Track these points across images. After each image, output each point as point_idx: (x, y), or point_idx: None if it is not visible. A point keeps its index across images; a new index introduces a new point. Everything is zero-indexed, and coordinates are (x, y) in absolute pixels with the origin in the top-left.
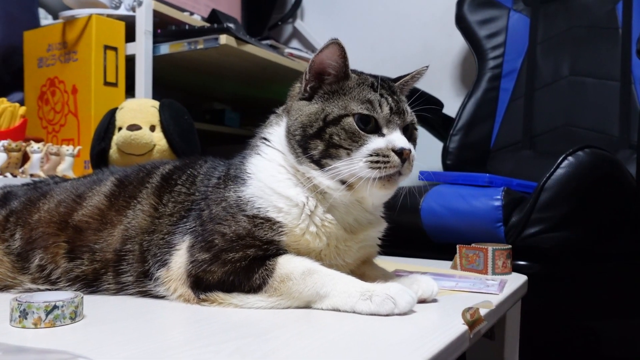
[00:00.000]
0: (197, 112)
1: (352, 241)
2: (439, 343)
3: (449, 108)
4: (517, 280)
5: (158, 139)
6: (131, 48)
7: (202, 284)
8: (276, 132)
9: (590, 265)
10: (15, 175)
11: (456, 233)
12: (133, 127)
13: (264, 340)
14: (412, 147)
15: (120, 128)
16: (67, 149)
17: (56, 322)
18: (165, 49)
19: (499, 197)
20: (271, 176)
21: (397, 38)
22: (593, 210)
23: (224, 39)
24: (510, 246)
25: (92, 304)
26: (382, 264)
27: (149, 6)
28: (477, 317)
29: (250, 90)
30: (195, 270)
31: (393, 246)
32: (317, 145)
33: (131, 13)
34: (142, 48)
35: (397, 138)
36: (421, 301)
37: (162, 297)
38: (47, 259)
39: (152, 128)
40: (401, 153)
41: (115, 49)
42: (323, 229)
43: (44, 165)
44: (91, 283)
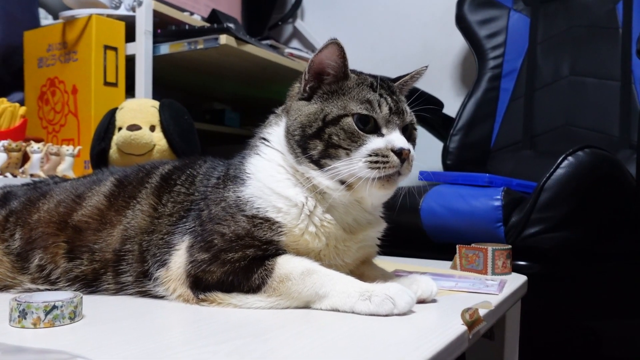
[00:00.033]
0: (197, 112)
1: (352, 241)
2: (438, 343)
3: (449, 108)
4: (517, 280)
5: (158, 139)
6: (131, 48)
7: (202, 284)
8: (275, 132)
9: (590, 265)
10: (15, 175)
11: (456, 233)
12: (133, 127)
13: (263, 340)
14: (412, 147)
15: (120, 128)
16: (67, 149)
17: (55, 322)
18: (165, 49)
19: (499, 197)
20: (270, 176)
21: (397, 38)
22: (593, 210)
23: (224, 39)
24: (510, 246)
25: (92, 304)
26: (382, 264)
27: (149, 6)
28: (476, 318)
29: (250, 90)
30: (194, 270)
31: (393, 246)
32: (317, 145)
33: (131, 13)
34: (142, 48)
35: (397, 138)
36: (420, 301)
37: (162, 297)
38: (47, 259)
39: (152, 128)
40: (400, 153)
41: (115, 49)
42: (322, 229)
43: (44, 165)
44: (91, 283)
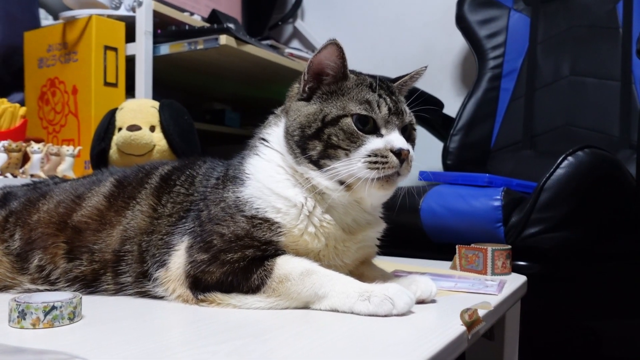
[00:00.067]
0: (198, 112)
1: (351, 242)
2: (437, 344)
3: (450, 108)
4: (517, 280)
5: (158, 139)
6: (131, 48)
7: (201, 285)
8: (275, 133)
9: (590, 265)
10: (15, 175)
11: (456, 233)
12: (133, 128)
13: (263, 340)
14: (411, 148)
15: (120, 128)
16: (68, 149)
17: (55, 323)
18: (165, 50)
19: (499, 198)
20: (270, 177)
21: (398, 38)
22: (593, 210)
23: (224, 39)
24: (509, 246)
25: (91, 305)
26: (382, 264)
27: (149, 6)
28: (476, 318)
29: (250, 90)
30: (193, 270)
31: (392, 246)
32: (316, 145)
33: (131, 13)
34: (142, 48)
35: (396, 138)
36: (420, 302)
37: (161, 298)
38: (46, 260)
39: (152, 128)
40: (399, 154)
41: (115, 50)
42: (321, 230)
43: (44, 165)
44: (90, 283)
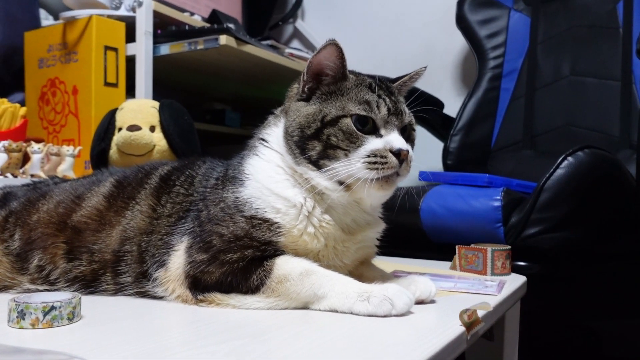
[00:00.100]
0: (198, 112)
1: (350, 242)
2: (436, 344)
3: (450, 108)
4: (516, 281)
5: (158, 140)
6: (131, 48)
7: (200, 285)
8: (274, 133)
9: (590, 265)
10: (15, 175)
11: (456, 233)
12: (133, 128)
13: (262, 341)
14: (410, 148)
15: (120, 128)
16: (68, 150)
17: (54, 323)
18: (165, 50)
19: (499, 198)
20: (269, 177)
21: (398, 38)
22: (593, 210)
23: (224, 40)
24: (509, 247)
25: (91, 305)
26: (381, 265)
27: (149, 7)
28: (475, 319)
29: (250, 90)
30: (193, 271)
31: (392, 246)
32: (315, 146)
33: (131, 14)
34: (143, 48)
35: (395, 139)
36: (419, 302)
37: (160, 298)
38: (46, 260)
39: (152, 128)
40: (399, 154)
41: (115, 50)
42: (321, 230)
43: (45, 165)
44: (90, 284)
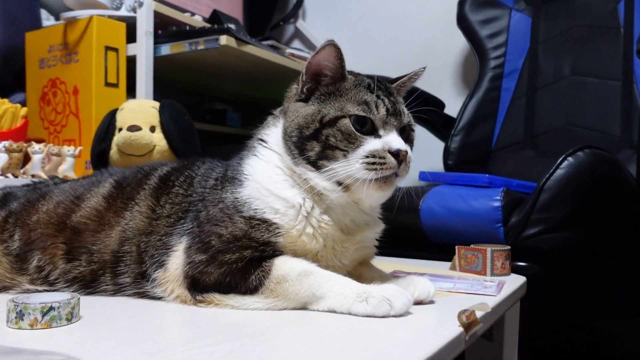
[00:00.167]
0: (199, 113)
1: (349, 242)
2: (435, 345)
3: (451, 108)
4: (516, 281)
5: (158, 140)
6: (132, 49)
7: (199, 285)
8: (273, 134)
9: (590, 265)
10: (16, 176)
11: (456, 234)
12: (133, 128)
13: (260, 341)
14: (409, 149)
15: (120, 129)
16: (68, 150)
17: (52, 324)
18: (166, 50)
19: (499, 198)
20: (268, 177)
21: (399, 38)
22: (593, 210)
23: (224, 40)
24: (509, 247)
25: (90, 305)
26: (381, 265)
27: (150, 7)
28: (473, 319)
29: (251, 90)
30: (192, 271)
31: (392, 247)
32: (314, 146)
33: (132, 14)
34: (143, 49)
35: (394, 139)
36: (418, 303)
37: (159, 299)
38: (46, 260)
39: (152, 129)
40: (397, 154)
41: (116, 50)
42: (319, 230)
43: (45, 166)
44: (89, 284)
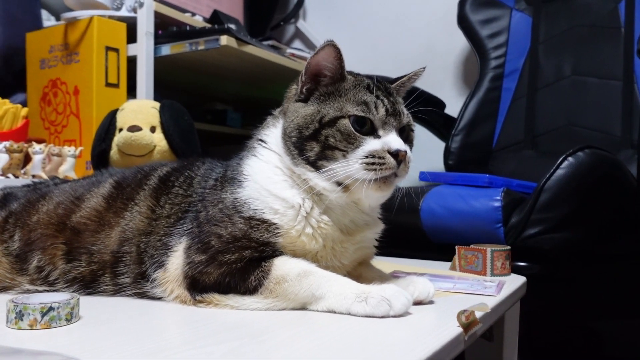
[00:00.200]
0: (199, 113)
1: (349, 242)
2: (434, 345)
3: (451, 108)
4: (516, 281)
5: (158, 140)
6: (132, 49)
7: (199, 286)
8: (273, 134)
9: (590, 265)
10: (17, 176)
11: (456, 234)
12: (133, 128)
13: (260, 341)
14: (408, 149)
15: (120, 129)
16: (69, 150)
17: (52, 324)
18: (166, 50)
19: (499, 198)
20: (267, 178)
21: (399, 38)
22: (593, 210)
23: (225, 40)
24: (509, 247)
25: (89, 305)
26: (381, 265)
27: (150, 7)
28: (472, 320)
29: (252, 90)
30: (191, 271)
31: (392, 247)
32: (313, 147)
33: (132, 14)
34: (144, 49)
35: (393, 140)
36: (417, 303)
37: (159, 299)
38: (45, 260)
39: (153, 129)
40: (397, 155)
41: (116, 50)
42: (319, 231)
43: (46, 166)
44: (89, 284)
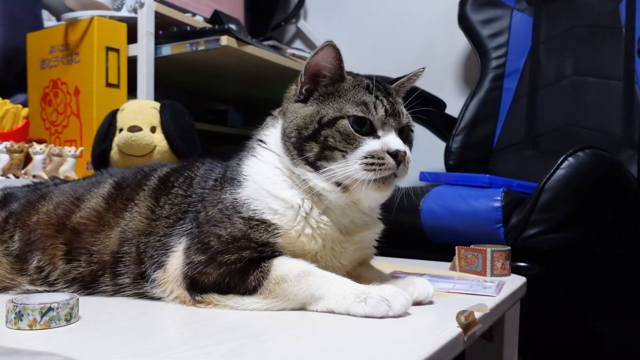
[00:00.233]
0: (200, 113)
1: (348, 243)
2: (433, 345)
3: (452, 108)
4: (516, 281)
5: (159, 140)
6: (133, 49)
7: (198, 286)
8: (272, 134)
9: (591, 266)
10: (17, 176)
11: (456, 234)
12: (134, 129)
13: (259, 341)
14: (408, 149)
15: (121, 129)
16: (70, 150)
17: (51, 324)
18: (167, 50)
19: (499, 198)
20: (267, 178)
21: (400, 38)
22: (593, 211)
23: (225, 40)
24: (509, 247)
25: (89, 306)
26: (381, 265)
27: (151, 8)
28: (472, 320)
29: (252, 90)
30: (191, 272)
31: (392, 247)
32: (312, 147)
33: (133, 15)
34: (144, 49)
35: (392, 140)
36: (417, 303)
37: (159, 299)
38: (45, 261)
39: (153, 129)
40: (396, 155)
41: (117, 51)
42: (318, 231)
43: (47, 166)
44: (88, 285)
